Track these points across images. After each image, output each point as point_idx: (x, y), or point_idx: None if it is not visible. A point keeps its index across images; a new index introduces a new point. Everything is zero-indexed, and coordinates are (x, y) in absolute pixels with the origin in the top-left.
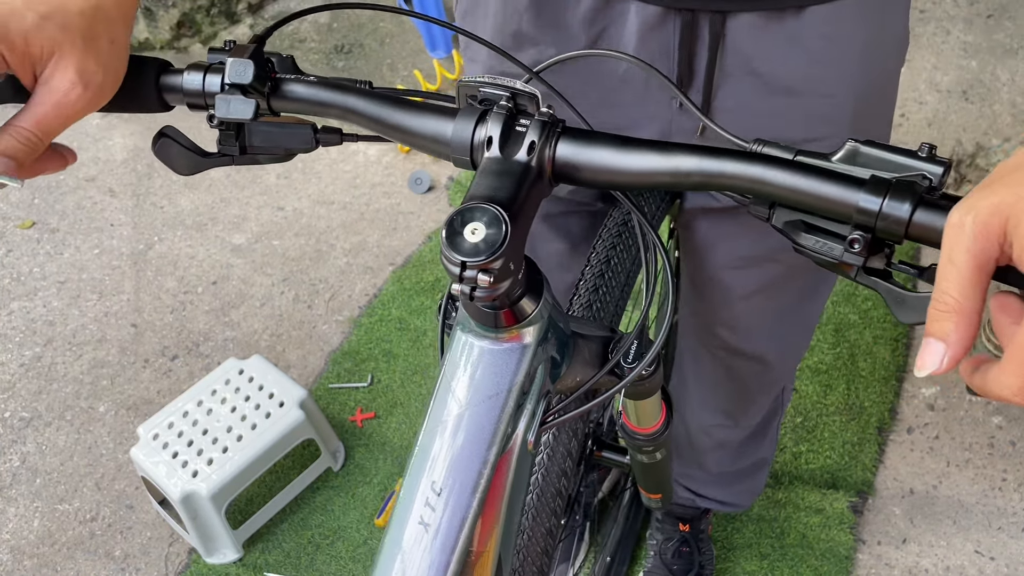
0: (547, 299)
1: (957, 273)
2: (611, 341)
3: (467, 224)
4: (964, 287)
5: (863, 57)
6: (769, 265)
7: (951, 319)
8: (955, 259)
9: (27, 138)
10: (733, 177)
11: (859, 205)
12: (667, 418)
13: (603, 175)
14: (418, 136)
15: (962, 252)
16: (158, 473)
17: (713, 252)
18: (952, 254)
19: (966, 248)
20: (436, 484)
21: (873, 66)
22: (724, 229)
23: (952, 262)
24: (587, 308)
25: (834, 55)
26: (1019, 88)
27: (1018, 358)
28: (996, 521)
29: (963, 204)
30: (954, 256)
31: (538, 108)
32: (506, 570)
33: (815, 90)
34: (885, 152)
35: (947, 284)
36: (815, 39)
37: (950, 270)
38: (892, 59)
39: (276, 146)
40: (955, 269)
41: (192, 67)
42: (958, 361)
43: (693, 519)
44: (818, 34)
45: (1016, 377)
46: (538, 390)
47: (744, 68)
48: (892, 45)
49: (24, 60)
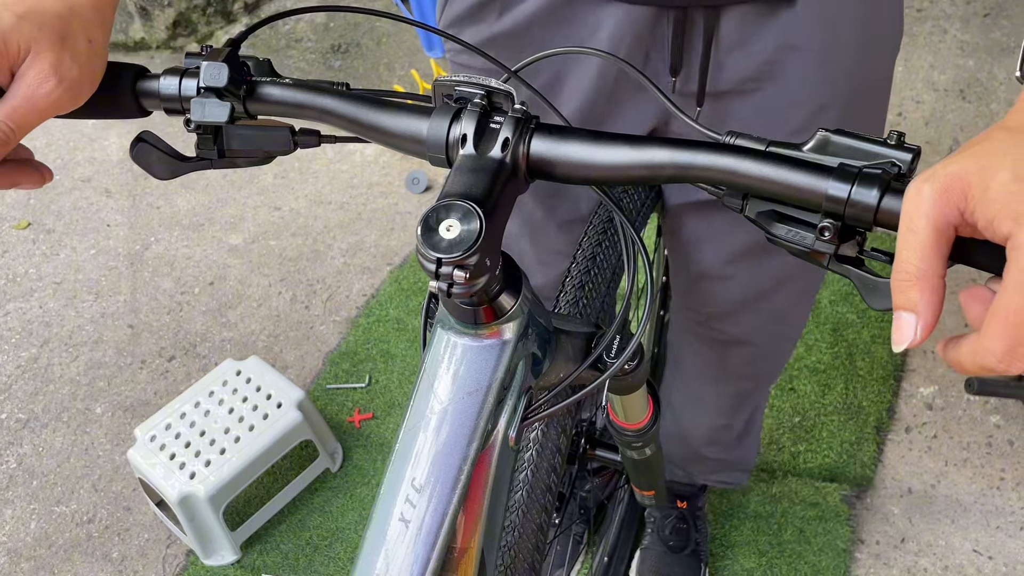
0: (526, 295)
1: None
2: (594, 336)
3: (442, 221)
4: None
5: (857, 47)
6: (757, 259)
7: (915, 286)
8: (914, 225)
9: None
10: (706, 169)
11: (828, 193)
12: (654, 413)
13: (577, 170)
14: (394, 135)
15: (921, 217)
16: (155, 475)
17: (700, 249)
18: (911, 222)
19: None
20: (417, 480)
21: (867, 56)
22: (710, 226)
23: (912, 230)
24: (573, 305)
25: (828, 45)
26: (1016, 87)
27: (1000, 319)
28: (994, 520)
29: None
30: (913, 223)
31: (512, 105)
32: (490, 566)
33: (809, 80)
34: (855, 141)
35: (907, 252)
36: (809, 29)
37: (910, 237)
38: (886, 49)
39: (254, 148)
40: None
41: (168, 72)
42: (931, 329)
43: (691, 496)
44: (810, 24)
45: (999, 340)
46: (519, 386)
47: (738, 58)
48: (886, 35)
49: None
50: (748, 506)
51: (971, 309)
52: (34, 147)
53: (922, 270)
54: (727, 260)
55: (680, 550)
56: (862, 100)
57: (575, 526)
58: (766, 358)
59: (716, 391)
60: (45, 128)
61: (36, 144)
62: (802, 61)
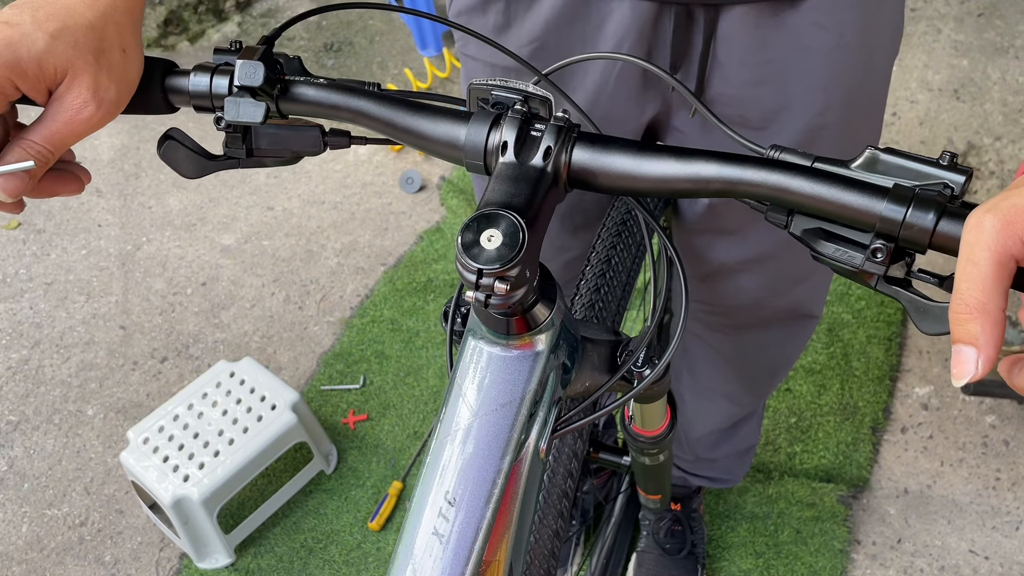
0: (560, 306)
1: (978, 272)
2: (618, 345)
3: (483, 230)
4: (986, 286)
5: (857, 47)
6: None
7: (976, 320)
8: (975, 258)
9: (38, 151)
10: (754, 185)
11: (882, 214)
12: (671, 421)
13: (620, 181)
14: (430, 140)
15: (983, 250)
16: (148, 478)
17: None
18: (972, 254)
19: (986, 246)
20: (449, 494)
21: (868, 58)
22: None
23: (972, 262)
24: (589, 308)
25: (828, 45)
26: (1010, 86)
27: None
28: (990, 520)
29: (982, 206)
30: (974, 255)
31: (551, 112)
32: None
33: (808, 80)
34: (905, 160)
35: (968, 284)
36: (809, 28)
37: (971, 270)
38: (886, 50)
39: (283, 148)
40: (976, 268)
41: (199, 68)
42: (993, 363)
43: (685, 498)
44: (813, 23)
45: None
46: (550, 397)
47: (737, 58)
48: (886, 36)
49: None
50: (744, 507)
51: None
52: None
53: (983, 303)
54: (743, 255)
55: (676, 552)
56: (861, 101)
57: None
58: (780, 348)
59: (730, 377)
60: None
61: None
62: (805, 62)
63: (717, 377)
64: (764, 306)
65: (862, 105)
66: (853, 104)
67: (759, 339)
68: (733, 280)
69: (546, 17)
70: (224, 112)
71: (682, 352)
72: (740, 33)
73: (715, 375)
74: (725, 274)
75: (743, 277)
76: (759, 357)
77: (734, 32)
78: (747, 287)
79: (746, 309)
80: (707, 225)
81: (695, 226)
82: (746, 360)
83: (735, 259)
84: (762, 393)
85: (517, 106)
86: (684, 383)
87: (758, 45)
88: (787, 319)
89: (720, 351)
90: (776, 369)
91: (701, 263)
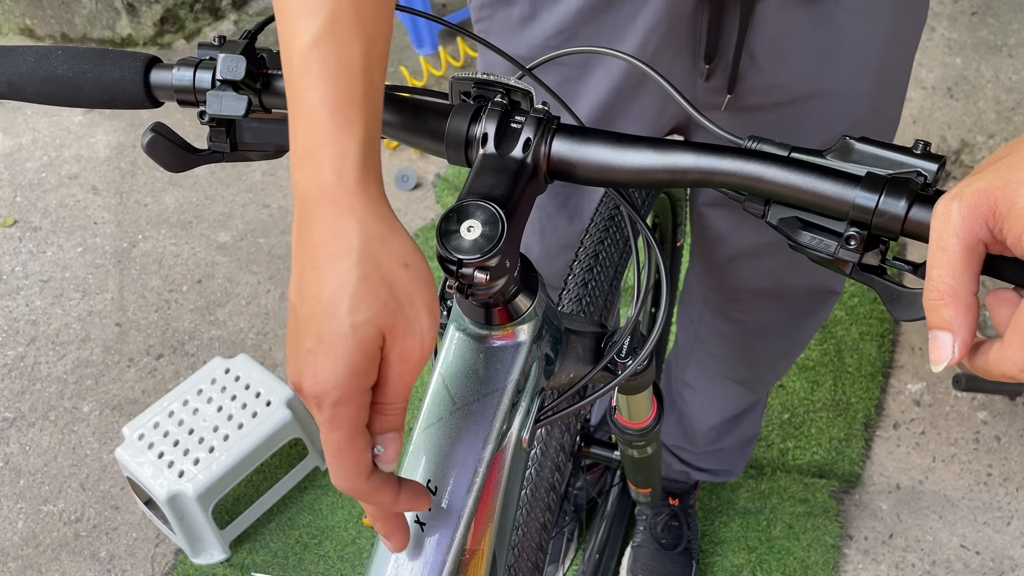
0: (542, 296)
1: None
2: (603, 337)
3: (463, 221)
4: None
5: (888, 34)
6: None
7: (949, 305)
8: (944, 244)
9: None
10: (730, 174)
11: (855, 202)
12: (658, 412)
13: (599, 172)
14: (411, 133)
15: (951, 236)
16: (144, 473)
17: (733, 233)
18: (941, 240)
19: (954, 232)
20: (431, 483)
21: (896, 43)
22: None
23: (942, 248)
24: (577, 303)
25: (861, 32)
26: (1003, 85)
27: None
28: (982, 516)
29: (948, 193)
30: (943, 242)
31: (532, 105)
32: (500, 567)
33: (840, 66)
34: (879, 149)
35: (939, 271)
36: (843, 16)
37: (940, 256)
38: (913, 32)
39: (267, 142)
40: (945, 254)
41: (182, 63)
42: (968, 346)
43: (683, 493)
44: (846, 11)
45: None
46: (532, 387)
47: (772, 47)
48: (914, 24)
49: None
50: (737, 502)
51: (997, 312)
52: (20, 144)
53: (955, 288)
54: (768, 237)
55: (672, 547)
56: (889, 87)
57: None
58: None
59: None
60: (31, 125)
61: (22, 141)
62: (839, 49)
63: (729, 363)
64: (785, 286)
65: (887, 92)
66: (881, 91)
67: (776, 321)
68: (755, 263)
69: (576, 7)
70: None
71: (693, 342)
72: (775, 22)
73: (727, 361)
74: (747, 257)
75: (765, 260)
76: (775, 340)
77: (769, 22)
78: (769, 269)
79: (766, 291)
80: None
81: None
82: (761, 344)
83: (758, 242)
84: (773, 378)
85: (497, 99)
86: (693, 372)
87: (793, 33)
88: (808, 296)
89: (735, 339)
90: (791, 351)
91: (722, 247)
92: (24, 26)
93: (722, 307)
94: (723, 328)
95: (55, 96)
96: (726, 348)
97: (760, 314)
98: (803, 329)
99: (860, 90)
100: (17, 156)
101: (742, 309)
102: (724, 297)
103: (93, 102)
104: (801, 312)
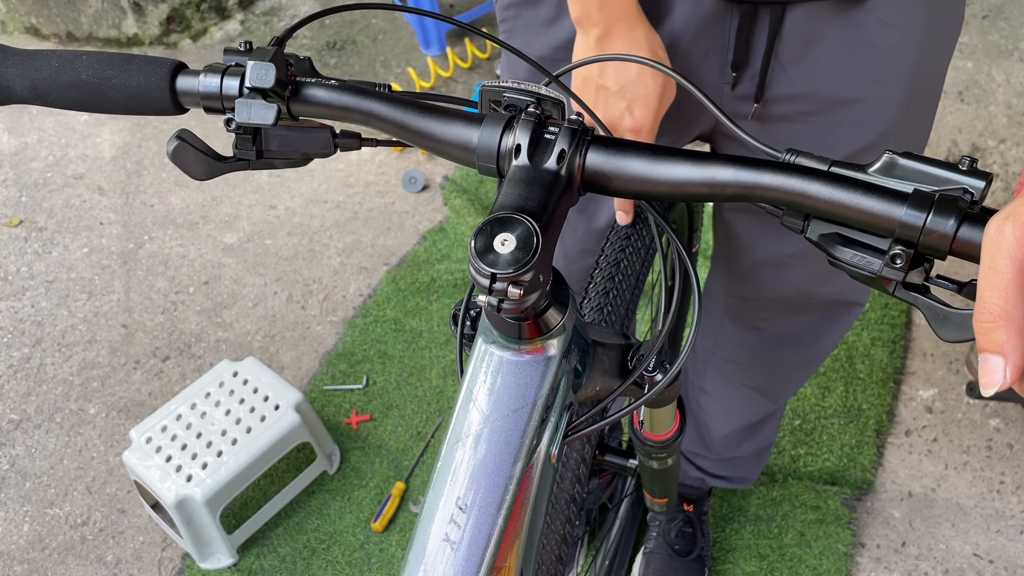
0: (572, 311)
1: (1000, 279)
2: (629, 349)
3: (497, 234)
4: (1009, 293)
5: (921, 45)
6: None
7: (1001, 328)
8: (997, 265)
9: None
10: (771, 189)
11: (902, 220)
12: (680, 425)
13: (635, 185)
14: (442, 142)
15: (1004, 257)
16: (151, 477)
17: (758, 241)
18: (994, 261)
19: (1008, 254)
20: (460, 499)
21: (929, 55)
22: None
23: (994, 269)
24: (598, 312)
25: (893, 41)
26: (1014, 89)
27: None
28: (995, 524)
29: (1001, 213)
30: (996, 263)
31: (564, 115)
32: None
33: (870, 78)
34: (924, 165)
35: (991, 293)
36: (875, 25)
37: (993, 278)
38: (947, 47)
39: (293, 150)
40: (998, 276)
41: (209, 69)
42: (1020, 371)
43: (697, 500)
44: (878, 20)
45: None
46: (561, 402)
47: (800, 57)
48: (947, 35)
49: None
50: (749, 509)
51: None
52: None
53: (1007, 311)
54: (794, 247)
55: (686, 554)
56: (920, 98)
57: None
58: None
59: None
60: (36, 124)
61: (28, 141)
62: (869, 59)
63: (749, 372)
64: (809, 296)
65: (920, 102)
66: (913, 101)
67: (797, 331)
68: (779, 272)
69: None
70: (235, 113)
71: (712, 349)
72: (805, 31)
73: (746, 369)
74: (772, 266)
75: (790, 269)
76: (795, 350)
77: (798, 30)
78: (793, 278)
79: (789, 301)
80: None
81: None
82: (780, 354)
83: (784, 251)
84: (792, 387)
85: (530, 108)
86: (711, 378)
87: (823, 42)
88: (831, 307)
89: (755, 347)
90: (811, 361)
91: (747, 254)
92: (30, 25)
93: (743, 314)
94: (743, 335)
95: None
96: (745, 356)
97: (781, 323)
98: (824, 340)
99: (891, 100)
100: (23, 156)
101: (763, 317)
102: (745, 305)
103: (118, 108)
104: (822, 323)
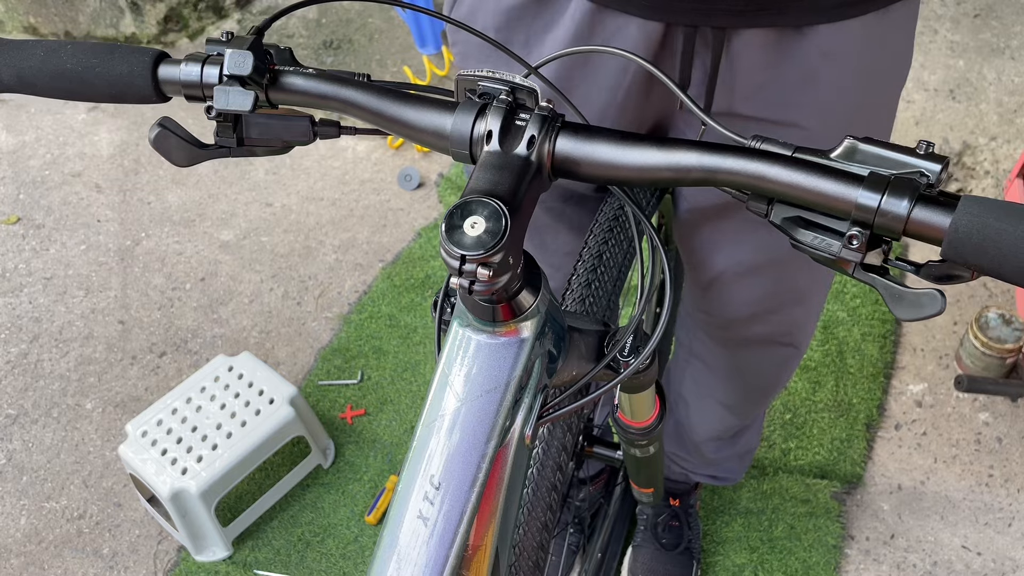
0: (544, 294)
1: None
2: (606, 335)
3: (467, 217)
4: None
5: (864, 75)
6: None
7: None
8: None
9: None
10: (733, 173)
11: (858, 202)
12: (660, 412)
13: (603, 170)
14: (417, 129)
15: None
16: (147, 471)
17: (714, 254)
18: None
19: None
20: (435, 478)
21: (873, 85)
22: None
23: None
24: (580, 303)
25: (832, 74)
26: (1005, 87)
27: None
28: (983, 516)
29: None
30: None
31: (537, 103)
32: (503, 564)
33: (811, 104)
34: (883, 149)
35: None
36: (815, 57)
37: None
38: (892, 81)
39: (274, 138)
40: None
41: (190, 58)
42: None
43: (683, 494)
44: (819, 52)
45: None
46: (535, 384)
47: (743, 80)
48: (893, 66)
49: None
50: (739, 502)
51: None
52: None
53: None
54: (742, 264)
55: (673, 548)
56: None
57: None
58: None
59: (728, 389)
60: (34, 122)
61: (26, 138)
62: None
63: (718, 388)
64: (758, 322)
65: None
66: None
67: (751, 358)
68: (732, 290)
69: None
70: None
71: (688, 356)
72: (747, 56)
73: (716, 386)
74: (725, 282)
75: (742, 288)
76: (752, 376)
77: (741, 55)
78: (745, 299)
79: (742, 323)
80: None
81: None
82: (741, 376)
83: (736, 266)
84: (757, 408)
85: (502, 96)
86: (688, 387)
87: (765, 69)
88: (775, 344)
89: (719, 364)
90: (767, 389)
91: (703, 269)
92: (28, 24)
93: (710, 332)
94: (712, 352)
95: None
96: (714, 374)
97: (738, 349)
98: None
99: (833, 129)
100: (21, 153)
101: (725, 338)
102: (710, 321)
103: (102, 96)
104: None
